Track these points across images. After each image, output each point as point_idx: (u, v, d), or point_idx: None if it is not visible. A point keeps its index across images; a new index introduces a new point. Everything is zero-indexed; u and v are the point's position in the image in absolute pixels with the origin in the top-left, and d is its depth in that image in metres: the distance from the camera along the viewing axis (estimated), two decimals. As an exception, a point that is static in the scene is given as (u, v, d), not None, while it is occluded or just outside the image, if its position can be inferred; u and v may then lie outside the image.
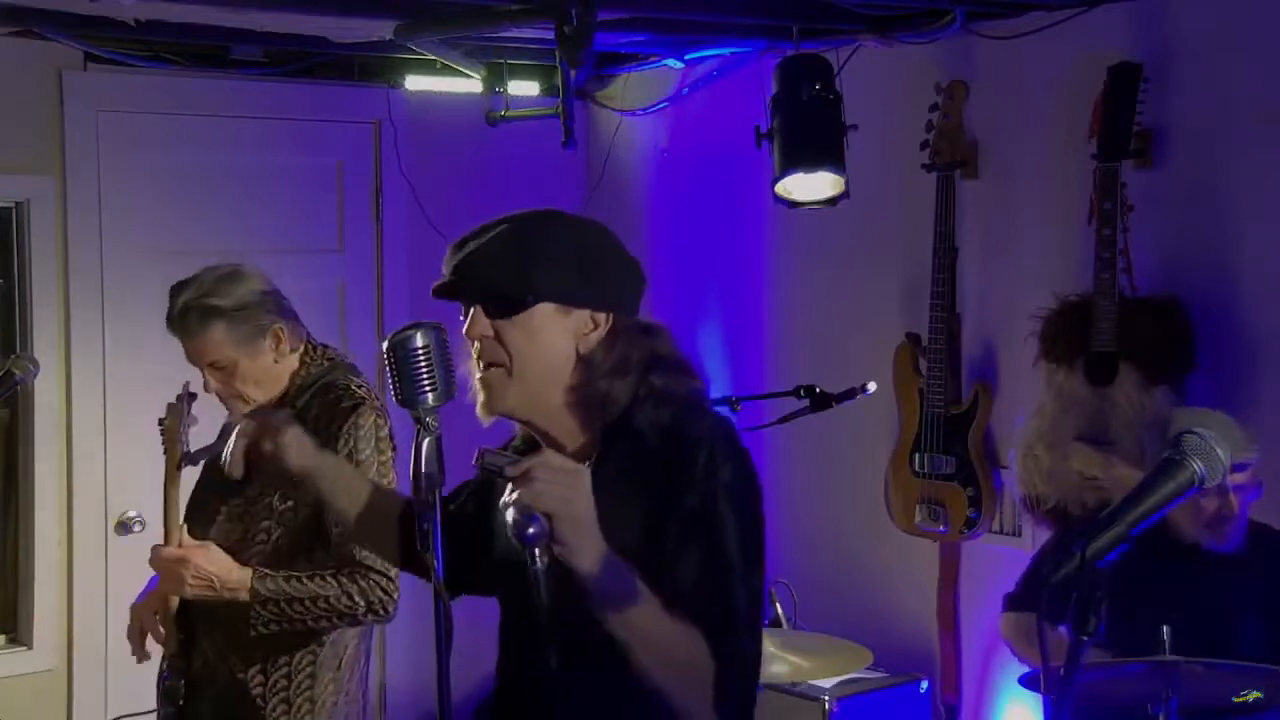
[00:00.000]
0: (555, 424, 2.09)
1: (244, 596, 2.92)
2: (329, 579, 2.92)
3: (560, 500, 1.79)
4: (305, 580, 2.92)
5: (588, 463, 2.01)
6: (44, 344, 4.51)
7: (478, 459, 1.85)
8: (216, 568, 2.93)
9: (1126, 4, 3.82)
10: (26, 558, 4.60)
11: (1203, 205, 3.70)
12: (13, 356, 3.48)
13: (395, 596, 2.96)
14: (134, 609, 3.19)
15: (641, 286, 2.15)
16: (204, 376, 3.07)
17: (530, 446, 2.13)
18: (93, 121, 4.62)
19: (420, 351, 1.90)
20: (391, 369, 1.90)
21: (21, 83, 4.51)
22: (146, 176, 4.71)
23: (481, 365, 2.07)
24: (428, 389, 1.89)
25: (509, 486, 1.81)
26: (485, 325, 2.05)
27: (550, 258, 2.06)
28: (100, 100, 4.64)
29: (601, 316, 2.07)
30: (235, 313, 3.00)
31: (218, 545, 2.98)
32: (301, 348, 3.09)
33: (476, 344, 2.06)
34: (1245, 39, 3.63)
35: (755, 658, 2.05)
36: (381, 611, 2.95)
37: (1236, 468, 3.00)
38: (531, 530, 1.76)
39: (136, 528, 4.61)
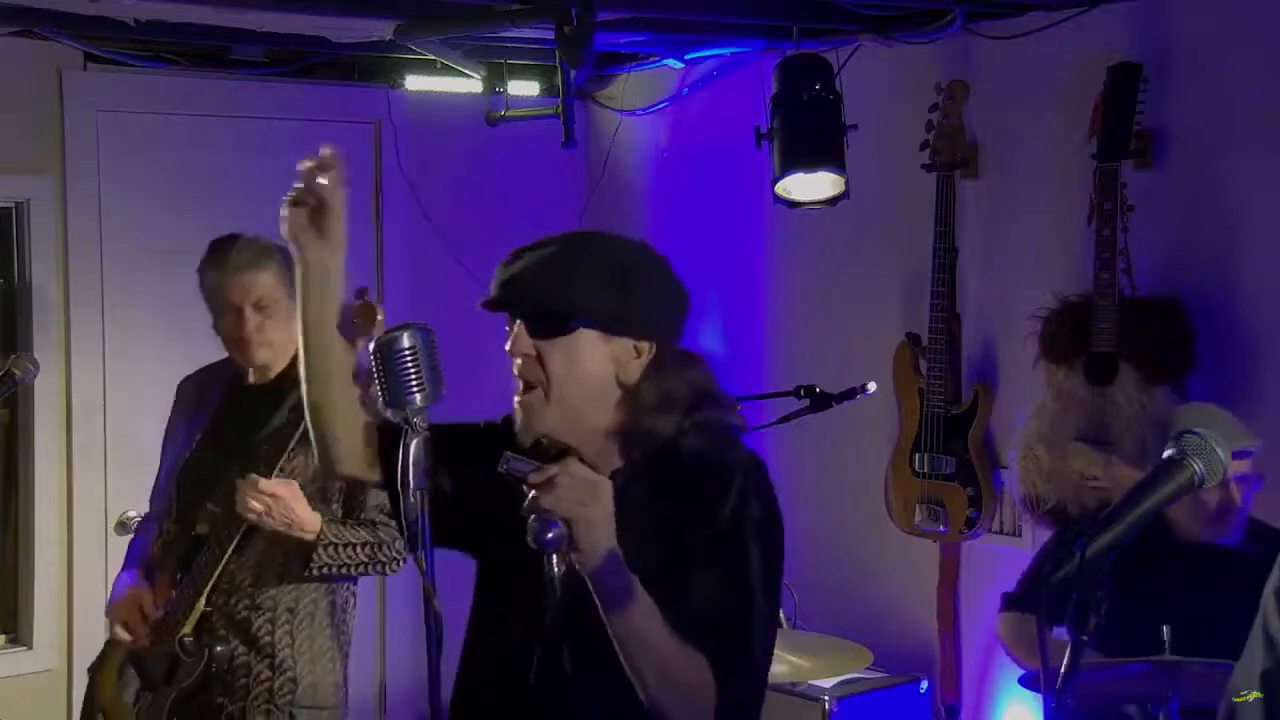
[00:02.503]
0: (591, 446, 2.08)
1: (309, 537, 3.05)
2: (376, 529, 3.10)
3: (579, 506, 1.82)
4: (358, 528, 3.10)
5: (619, 477, 2.01)
6: (44, 344, 4.51)
7: (503, 463, 1.87)
8: (301, 509, 3.04)
9: (1126, 4, 3.82)
10: (26, 558, 4.60)
11: (1203, 205, 3.69)
12: (13, 356, 3.48)
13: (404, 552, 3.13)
14: (114, 609, 3.28)
15: (685, 313, 2.15)
16: (240, 318, 3.13)
17: (561, 453, 2.11)
18: (92, 121, 4.62)
19: (407, 352, 1.90)
20: (379, 370, 1.90)
21: (21, 83, 4.50)
22: (146, 176, 4.71)
23: (521, 385, 2.07)
24: (415, 390, 1.89)
25: (530, 491, 1.83)
26: (527, 344, 2.05)
27: (594, 283, 2.05)
28: (100, 100, 4.64)
29: (645, 345, 2.07)
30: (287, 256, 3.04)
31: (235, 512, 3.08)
32: None
33: (519, 360, 2.06)
34: (1245, 39, 3.62)
35: (762, 692, 2.07)
36: (401, 562, 3.14)
37: (1238, 455, 2.99)
38: (549, 535, 1.80)
39: (136, 527, 4.60)
